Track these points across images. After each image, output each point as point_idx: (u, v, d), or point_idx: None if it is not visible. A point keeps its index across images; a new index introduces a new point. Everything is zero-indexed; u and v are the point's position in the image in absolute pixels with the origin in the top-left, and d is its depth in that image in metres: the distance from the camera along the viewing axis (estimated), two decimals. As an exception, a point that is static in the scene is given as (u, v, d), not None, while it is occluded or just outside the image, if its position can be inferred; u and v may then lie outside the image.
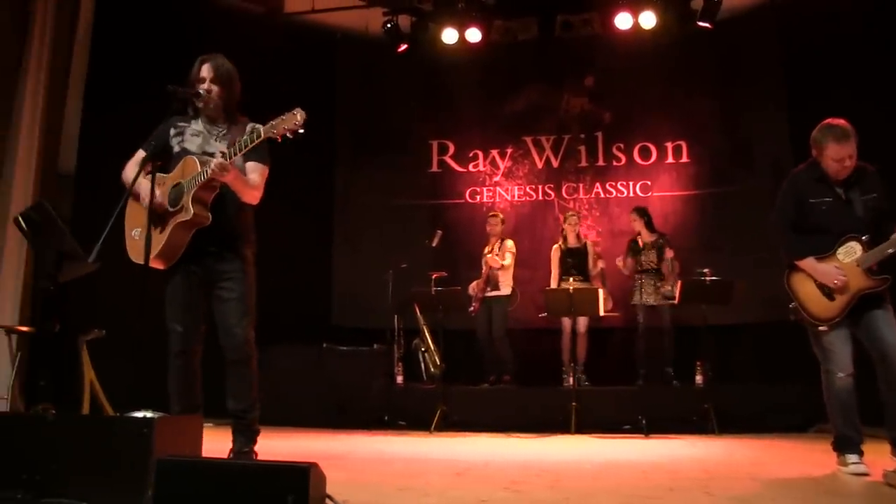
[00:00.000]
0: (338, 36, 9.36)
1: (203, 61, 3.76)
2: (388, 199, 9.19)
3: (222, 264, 3.67)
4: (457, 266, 8.22)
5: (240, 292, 3.66)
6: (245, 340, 3.65)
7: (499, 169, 9.21)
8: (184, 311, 3.66)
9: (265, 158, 3.76)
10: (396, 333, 7.88)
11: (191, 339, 3.67)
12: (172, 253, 3.61)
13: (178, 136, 3.78)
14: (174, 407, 3.66)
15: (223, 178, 3.49)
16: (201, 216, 3.55)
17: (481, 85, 9.29)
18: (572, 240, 7.78)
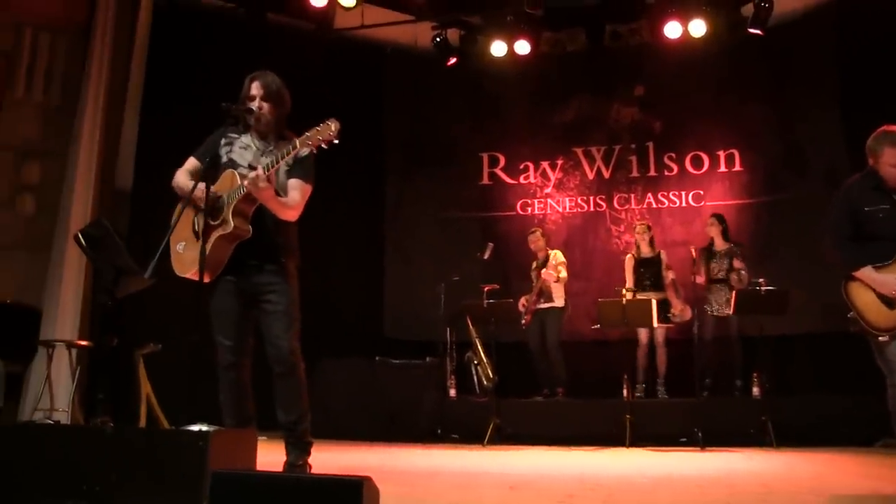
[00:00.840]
0: (387, 50, 9.42)
1: (253, 79, 3.79)
2: (439, 211, 9.20)
3: (265, 276, 3.67)
4: (508, 278, 8.18)
5: (283, 304, 3.66)
6: (290, 351, 3.65)
7: (550, 180, 9.15)
8: (230, 325, 3.68)
9: (309, 176, 3.74)
10: (449, 346, 7.85)
11: (238, 352, 3.69)
12: (215, 265, 3.62)
13: (227, 146, 3.81)
14: (226, 420, 3.68)
15: (258, 193, 3.50)
16: (241, 229, 3.56)
17: (531, 96, 9.27)
18: (645, 249, 7.67)
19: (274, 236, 3.69)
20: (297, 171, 3.68)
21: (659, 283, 7.54)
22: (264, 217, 3.65)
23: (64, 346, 6.31)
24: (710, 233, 7.50)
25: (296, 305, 3.72)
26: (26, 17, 7.82)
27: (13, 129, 7.71)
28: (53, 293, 7.17)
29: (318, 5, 8.24)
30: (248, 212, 3.60)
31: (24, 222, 7.65)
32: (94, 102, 7.59)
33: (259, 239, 3.61)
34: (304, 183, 3.71)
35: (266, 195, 3.53)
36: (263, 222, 3.64)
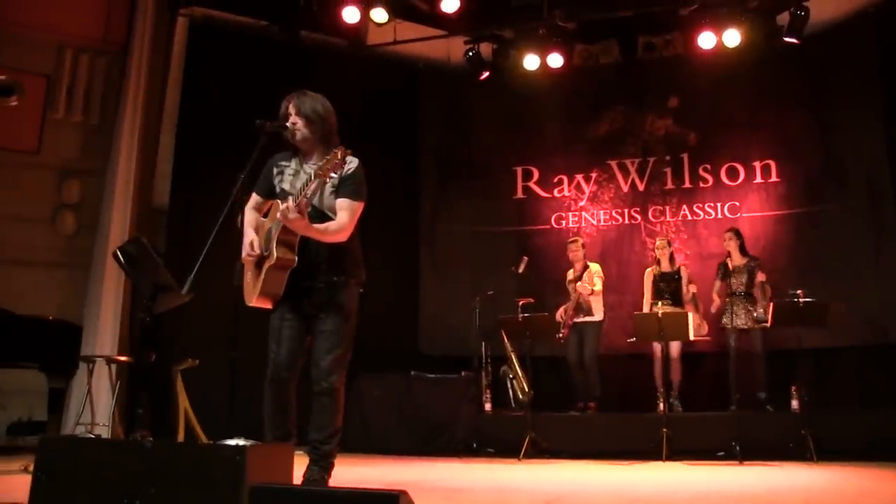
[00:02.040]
0: (420, 66, 9.47)
1: (289, 98, 3.81)
2: (473, 226, 9.20)
3: (319, 297, 3.69)
4: (543, 292, 8.15)
5: (333, 325, 3.67)
6: (329, 371, 3.66)
7: (584, 194, 9.12)
8: (282, 341, 3.71)
9: (357, 193, 3.70)
10: (484, 360, 7.84)
11: (285, 369, 3.71)
12: (272, 295, 3.67)
13: (279, 175, 3.84)
14: (267, 434, 3.71)
15: (290, 225, 3.51)
16: (285, 259, 3.59)
17: (564, 110, 9.26)
18: (665, 264, 7.64)
19: (327, 256, 3.69)
20: (345, 190, 3.68)
21: (678, 298, 7.49)
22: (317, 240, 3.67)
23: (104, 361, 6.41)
24: (728, 247, 7.40)
25: (348, 328, 3.72)
26: (68, 40, 8.03)
27: (54, 148, 7.91)
28: (93, 309, 7.30)
29: (351, 22, 8.33)
30: (292, 241, 3.61)
31: (65, 240, 7.83)
32: (131, 121, 7.75)
33: (312, 261, 3.65)
34: (353, 201, 3.69)
35: (298, 226, 3.52)
36: (316, 244, 3.66)
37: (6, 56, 7.75)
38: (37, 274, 7.55)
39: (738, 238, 7.43)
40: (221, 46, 8.43)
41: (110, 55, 8.20)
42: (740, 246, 7.41)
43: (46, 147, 7.88)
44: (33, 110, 7.84)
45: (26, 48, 7.82)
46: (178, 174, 8.15)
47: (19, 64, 7.78)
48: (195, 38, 8.48)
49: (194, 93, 8.31)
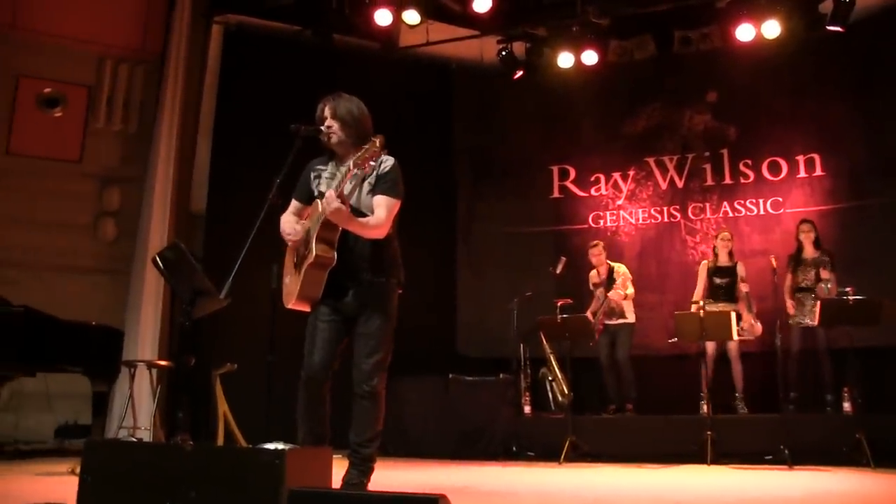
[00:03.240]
0: (453, 66, 9.48)
1: (324, 101, 3.83)
2: (510, 226, 9.16)
3: (359, 298, 3.70)
4: (582, 293, 8.09)
5: (373, 327, 3.68)
6: (370, 375, 3.66)
7: (622, 192, 9.04)
8: (318, 343, 3.72)
9: (393, 190, 3.71)
10: (523, 362, 7.82)
11: (320, 370, 3.72)
12: (311, 296, 3.68)
13: (316, 179, 3.86)
14: (300, 435, 3.72)
15: (332, 216, 3.51)
16: (324, 257, 3.58)
17: (600, 107, 9.19)
18: (724, 258, 7.48)
19: (367, 256, 3.70)
20: (381, 187, 3.69)
21: (733, 295, 7.36)
22: (356, 239, 3.67)
23: (145, 365, 6.51)
24: (803, 239, 7.23)
25: (388, 330, 3.73)
26: (108, 51, 8.22)
27: (95, 157, 8.08)
28: (134, 315, 7.43)
29: (383, 24, 8.36)
30: (331, 238, 3.61)
31: (106, 247, 7.98)
32: (168, 129, 7.87)
33: (352, 260, 3.65)
34: (390, 198, 3.69)
35: (340, 216, 3.51)
36: (355, 243, 3.67)
37: (51, 69, 7.99)
38: (79, 280, 7.72)
39: (814, 230, 7.26)
40: (256, 52, 8.53)
41: (148, 64, 8.36)
42: (815, 239, 7.23)
43: (88, 156, 8.06)
44: (75, 120, 8.05)
45: (69, 60, 8.04)
46: (215, 180, 8.26)
47: (63, 76, 8.03)
48: (230, 44, 8.61)
49: (230, 99, 8.43)
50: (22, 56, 7.90)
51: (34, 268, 7.59)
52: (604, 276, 7.67)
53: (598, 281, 7.73)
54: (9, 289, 5.91)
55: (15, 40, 7.86)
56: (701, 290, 7.41)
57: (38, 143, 7.87)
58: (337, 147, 3.81)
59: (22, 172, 7.75)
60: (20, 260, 7.56)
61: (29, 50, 7.90)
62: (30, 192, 7.74)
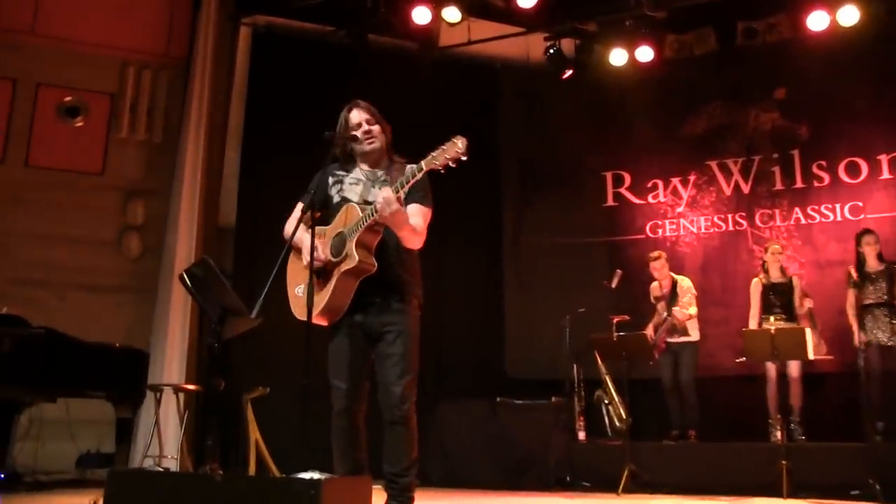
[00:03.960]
0: (497, 66, 9.48)
1: (351, 108, 3.87)
2: (560, 237, 9.10)
3: (385, 316, 3.70)
4: (640, 308, 8.00)
5: (402, 347, 3.67)
6: (402, 399, 3.65)
7: (682, 199, 8.94)
8: (346, 367, 3.72)
9: (427, 200, 3.76)
10: (576, 384, 7.75)
11: (353, 396, 3.72)
12: (338, 307, 3.68)
13: (336, 184, 3.88)
14: (337, 468, 3.72)
15: (391, 218, 3.50)
16: (366, 262, 3.59)
17: (657, 107, 9.11)
18: (775, 273, 7.37)
19: (397, 270, 3.72)
20: (415, 195, 3.69)
21: (791, 313, 7.21)
22: (387, 252, 3.69)
23: (171, 389, 6.58)
24: (866, 252, 7.08)
25: (415, 350, 3.73)
26: (131, 56, 8.35)
27: (118, 168, 8.21)
28: (160, 335, 7.50)
29: (422, 23, 8.39)
30: (371, 244, 3.63)
31: (130, 263, 8.09)
32: (194, 138, 7.96)
33: (382, 274, 3.65)
34: (424, 207, 3.73)
35: (399, 219, 3.53)
36: (386, 257, 3.68)
37: (71, 76, 8.15)
38: (102, 299, 7.83)
39: (877, 241, 7.10)
40: (286, 55, 8.62)
41: (173, 69, 8.48)
42: (879, 251, 7.08)
43: (110, 167, 8.20)
44: (97, 130, 8.20)
45: (90, 67, 8.20)
46: (245, 191, 8.35)
47: (84, 84, 8.19)
48: (259, 47, 8.72)
49: (259, 105, 8.53)
50: (41, 64, 8.06)
51: (54, 286, 7.71)
52: (666, 290, 7.58)
53: (659, 294, 7.65)
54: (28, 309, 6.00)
55: (34, 48, 8.03)
56: (757, 310, 7.32)
57: (58, 155, 8.02)
58: (373, 152, 3.84)
59: (42, 186, 7.89)
60: (40, 278, 7.68)
61: (48, 57, 8.07)
62: (50, 206, 7.88)
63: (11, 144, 7.91)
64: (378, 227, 3.60)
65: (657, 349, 7.36)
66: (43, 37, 8.06)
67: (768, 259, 7.42)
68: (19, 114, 7.96)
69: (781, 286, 7.30)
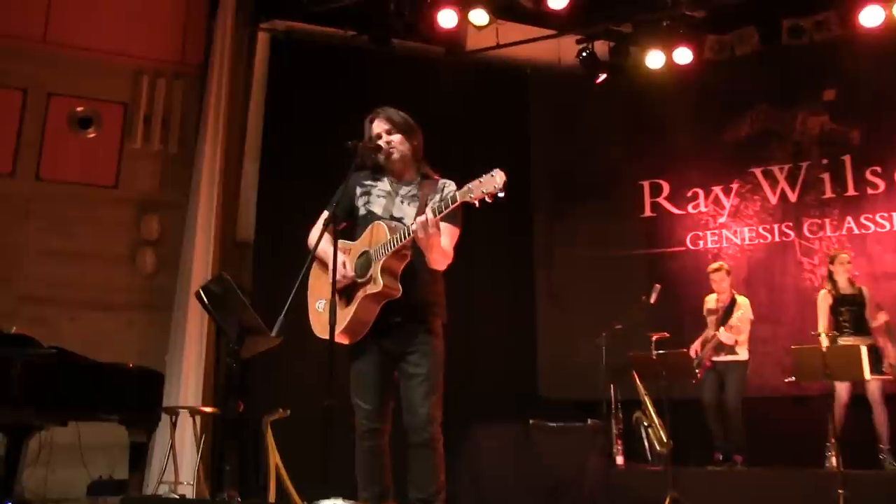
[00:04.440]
0: (527, 70, 9.49)
1: (373, 117, 3.91)
2: (596, 250, 9.08)
3: (409, 337, 3.73)
4: (681, 325, 7.95)
5: (426, 368, 3.70)
6: (428, 420, 3.66)
7: (724, 208, 8.87)
8: (369, 388, 3.74)
9: (457, 220, 3.77)
10: (614, 405, 7.70)
11: (378, 418, 3.73)
12: (360, 327, 3.71)
13: (364, 195, 3.91)
14: (362, 493, 3.71)
15: (427, 241, 3.53)
16: (391, 288, 3.62)
17: (697, 112, 9.07)
18: (844, 284, 7.26)
19: (422, 292, 3.75)
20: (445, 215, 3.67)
21: (863, 326, 7.11)
22: (413, 272, 3.71)
23: (188, 412, 6.60)
24: None
25: (440, 370, 3.75)
26: (144, 64, 8.39)
27: (131, 181, 8.24)
28: (176, 355, 7.52)
29: (448, 26, 8.40)
30: (397, 269, 3.66)
31: (145, 280, 8.10)
32: (211, 149, 7.99)
33: (405, 296, 3.67)
34: (453, 227, 3.75)
35: (433, 242, 3.56)
36: (412, 278, 3.70)
37: (83, 86, 8.19)
38: (115, 317, 7.85)
39: None
40: (306, 62, 8.66)
41: (188, 77, 8.52)
42: None
43: (124, 180, 8.22)
44: (110, 141, 8.24)
45: (102, 75, 8.24)
46: (264, 204, 8.38)
47: (96, 93, 8.24)
48: (277, 53, 8.77)
49: (279, 114, 8.56)
50: (52, 73, 8.11)
51: (65, 304, 7.73)
52: (723, 306, 7.53)
53: (714, 307, 7.59)
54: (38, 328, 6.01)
55: (45, 56, 8.08)
56: (825, 324, 7.22)
57: (70, 168, 8.06)
58: (397, 163, 3.85)
59: (52, 199, 7.93)
60: (50, 296, 7.70)
61: (60, 66, 8.12)
62: (61, 220, 7.91)
63: (21, 157, 7.95)
64: (405, 250, 3.63)
65: (702, 366, 7.30)
66: (54, 45, 8.12)
67: (835, 269, 7.32)
68: (30, 125, 8.00)
69: (851, 298, 7.20)
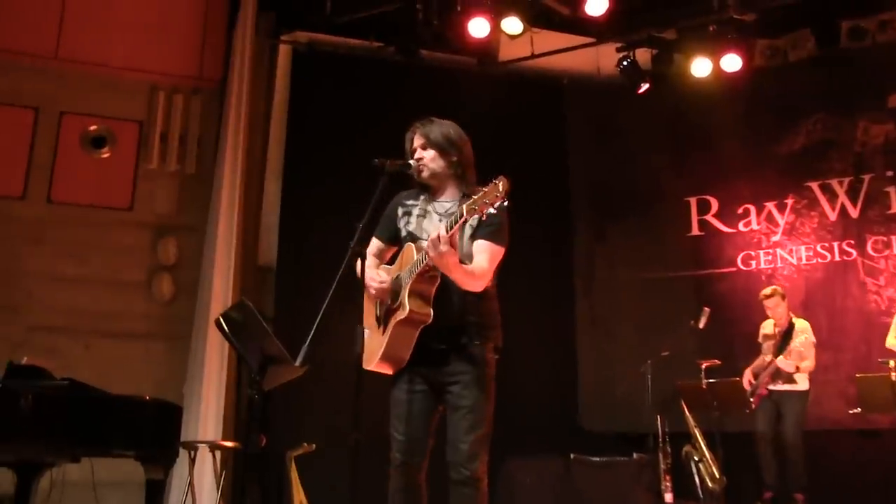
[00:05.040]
0: (564, 81, 9.50)
1: (413, 130, 3.90)
2: (639, 271, 9.06)
3: (452, 365, 3.69)
4: (732, 351, 7.89)
5: (471, 399, 3.65)
6: (471, 456, 3.61)
7: (778, 226, 8.79)
8: (407, 419, 3.70)
9: (499, 237, 3.72)
10: (661, 438, 7.62)
11: (414, 451, 3.70)
12: (398, 355, 3.69)
13: (405, 216, 3.91)
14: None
15: (439, 261, 3.48)
16: (420, 314, 3.60)
17: (747, 123, 9.01)
18: None
19: (465, 315, 3.71)
20: (485, 231, 3.69)
21: None
22: (452, 294, 3.67)
23: (207, 447, 6.61)
24: None
25: (487, 402, 3.69)
26: (160, 80, 8.46)
27: (148, 203, 8.29)
28: (195, 387, 7.54)
29: (479, 36, 8.41)
30: (427, 292, 3.63)
31: (162, 307, 8.14)
32: (231, 168, 8.04)
33: (447, 319, 3.65)
34: (493, 244, 3.69)
35: (448, 262, 3.49)
36: (451, 298, 3.68)
37: (97, 103, 8.26)
38: (131, 347, 7.86)
39: None
40: (330, 75, 8.71)
41: (206, 93, 8.58)
42: None
43: (139, 202, 8.27)
44: (125, 161, 8.30)
45: (116, 92, 8.31)
46: (287, 226, 8.42)
47: (110, 111, 8.30)
48: (300, 67, 8.85)
49: (302, 131, 8.61)
50: (65, 91, 8.19)
51: (79, 333, 7.76)
52: (781, 330, 7.45)
53: (770, 333, 7.53)
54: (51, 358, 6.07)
55: (57, 73, 8.16)
56: None
57: (82, 189, 8.12)
58: (430, 180, 3.84)
59: (64, 223, 7.98)
60: (62, 325, 7.74)
61: (72, 83, 8.20)
62: (74, 245, 7.96)
63: (33, 178, 8.02)
64: (434, 271, 3.60)
65: (756, 396, 7.22)
66: (66, 61, 8.20)
67: None
68: (41, 145, 8.07)
69: None
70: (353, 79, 8.67)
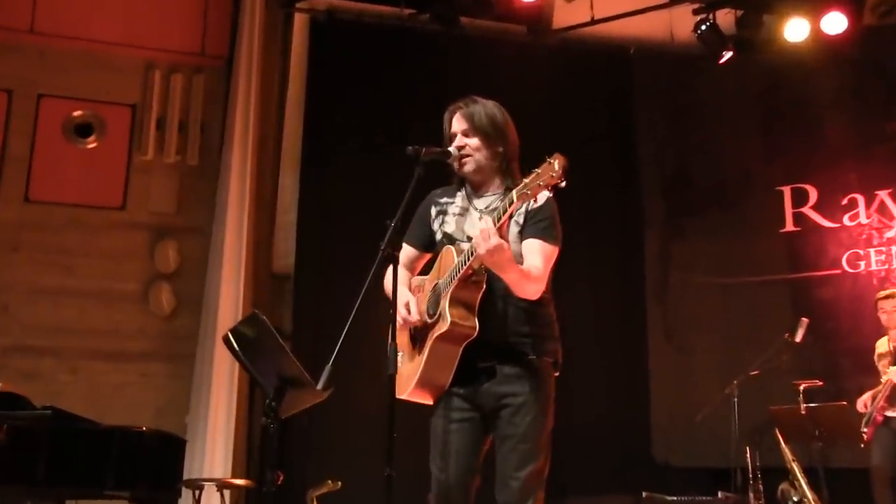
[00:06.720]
0: (631, 51, 9.48)
1: (453, 111, 3.85)
2: (722, 275, 9.03)
3: (502, 386, 3.65)
4: (837, 370, 7.85)
5: (524, 426, 3.62)
6: (524, 495, 3.60)
7: (893, 219, 8.71)
8: (450, 452, 3.69)
9: (551, 233, 3.68)
10: (752, 474, 7.59)
11: (457, 489, 3.69)
12: (437, 379, 3.67)
13: (439, 216, 3.90)
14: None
15: (489, 259, 3.42)
16: (463, 326, 3.54)
17: (853, 96, 8.96)
18: None
19: (515, 326, 3.67)
20: (534, 228, 3.66)
21: None
22: (499, 301, 3.64)
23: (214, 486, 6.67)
24: None
25: (543, 429, 3.67)
26: (157, 56, 8.48)
27: (142, 201, 8.29)
28: (200, 415, 7.61)
29: (530, 0, 8.45)
30: (471, 300, 3.58)
31: (161, 322, 8.15)
32: (240, 160, 8.06)
33: (495, 331, 3.62)
34: (546, 243, 3.65)
35: (502, 259, 3.43)
36: (498, 308, 3.65)
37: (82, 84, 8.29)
38: (125, 368, 7.91)
39: None
40: (354, 48, 8.74)
41: (210, 72, 8.60)
42: None
43: (133, 199, 8.28)
44: (116, 152, 8.31)
45: (105, 72, 8.36)
46: (306, 227, 8.46)
47: (97, 93, 8.30)
48: (318, 39, 8.86)
49: (322, 114, 8.65)
50: (43, 70, 8.24)
51: (64, 354, 7.82)
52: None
53: (886, 350, 7.46)
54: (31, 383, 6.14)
55: (34, 50, 8.22)
56: None
57: (66, 186, 8.17)
58: (474, 175, 3.81)
59: (46, 226, 8.03)
60: (44, 345, 7.80)
61: (52, 62, 8.25)
62: (57, 252, 8.00)
63: (7, 175, 8.04)
64: (478, 275, 3.56)
65: (872, 423, 7.16)
66: (44, 35, 8.24)
67: None
68: (16, 135, 8.10)
69: None
70: (381, 52, 8.71)
